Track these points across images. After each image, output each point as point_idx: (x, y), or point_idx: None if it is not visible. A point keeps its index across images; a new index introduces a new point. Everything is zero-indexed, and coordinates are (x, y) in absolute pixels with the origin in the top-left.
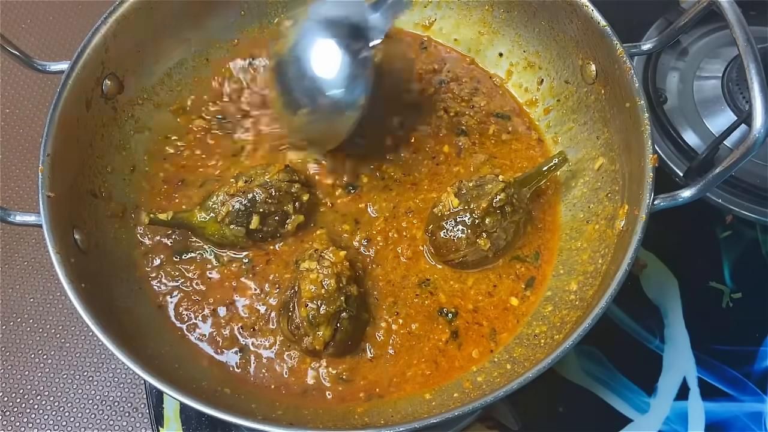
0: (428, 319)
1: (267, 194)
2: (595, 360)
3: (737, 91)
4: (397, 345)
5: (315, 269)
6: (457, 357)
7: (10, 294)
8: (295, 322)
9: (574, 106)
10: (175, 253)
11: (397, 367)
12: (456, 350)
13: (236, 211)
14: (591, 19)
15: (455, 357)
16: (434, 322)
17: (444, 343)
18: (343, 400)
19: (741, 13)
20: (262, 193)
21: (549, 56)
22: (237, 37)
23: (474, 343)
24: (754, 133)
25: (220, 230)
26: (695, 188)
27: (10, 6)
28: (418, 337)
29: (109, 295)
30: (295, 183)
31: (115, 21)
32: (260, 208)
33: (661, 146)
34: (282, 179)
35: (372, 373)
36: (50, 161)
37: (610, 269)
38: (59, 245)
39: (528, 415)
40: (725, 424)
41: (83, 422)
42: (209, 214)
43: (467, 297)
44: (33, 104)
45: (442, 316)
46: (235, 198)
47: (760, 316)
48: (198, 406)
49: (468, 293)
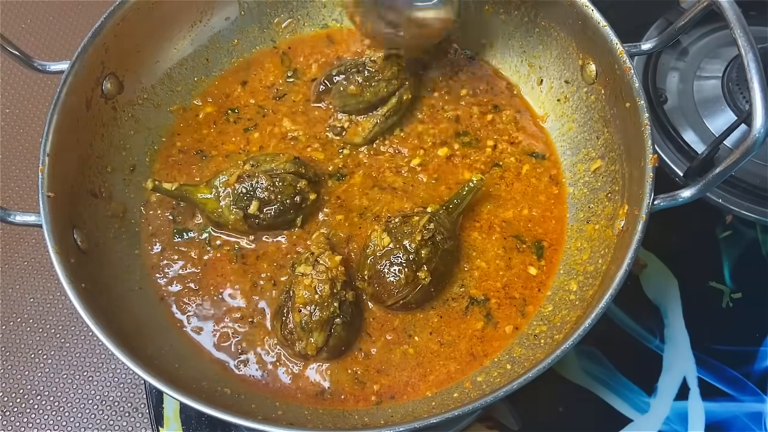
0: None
1: (270, 182)
2: (595, 360)
3: (737, 91)
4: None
5: (310, 274)
6: (495, 337)
7: (10, 294)
8: (288, 327)
9: (574, 106)
10: (176, 233)
11: (418, 372)
12: (493, 330)
13: (237, 193)
14: (591, 19)
15: (493, 337)
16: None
17: (480, 330)
18: (356, 402)
19: (741, 13)
20: (265, 180)
21: (549, 56)
22: (237, 37)
23: (508, 319)
24: (754, 133)
25: (219, 210)
26: (695, 188)
27: (10, 6)
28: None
29: (109, 295)
30: (302, 179)
31: (115, 21)
32: (261, 194)
33: (661, 146)
34: (288, 170)
35: (387, 378)
36: (50, 161)
37: (610, 269)
38: (59, 245)
39: (528, 415)
40: (725, 424)
41: (83, 422)
42: (212, 192)
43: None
44: (33, 104)
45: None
46: (238, 180)
47: (760, 316)
48: (198, 406)
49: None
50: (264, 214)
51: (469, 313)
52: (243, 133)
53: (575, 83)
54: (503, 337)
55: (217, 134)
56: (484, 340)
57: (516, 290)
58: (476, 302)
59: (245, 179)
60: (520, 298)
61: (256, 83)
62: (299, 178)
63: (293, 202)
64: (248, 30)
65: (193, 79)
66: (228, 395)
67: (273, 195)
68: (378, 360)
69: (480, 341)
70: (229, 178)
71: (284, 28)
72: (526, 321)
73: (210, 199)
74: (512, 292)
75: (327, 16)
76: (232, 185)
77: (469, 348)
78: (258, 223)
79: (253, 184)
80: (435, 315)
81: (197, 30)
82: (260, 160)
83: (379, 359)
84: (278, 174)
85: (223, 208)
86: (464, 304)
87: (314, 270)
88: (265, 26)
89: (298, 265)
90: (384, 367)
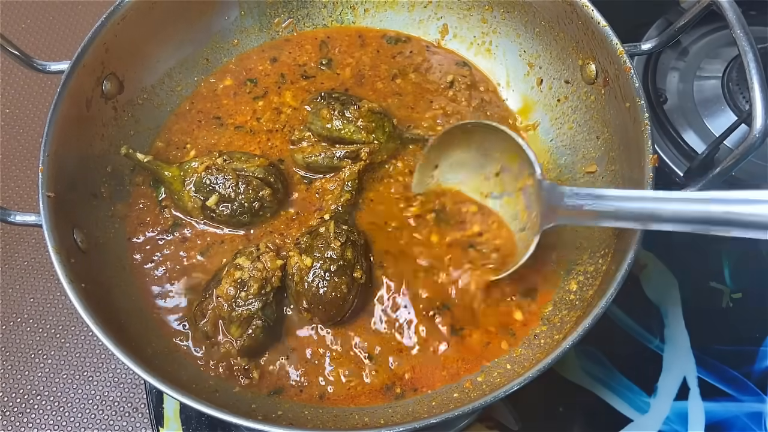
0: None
1: (234, 181)
2: (595, 360)
3: (737, 91)
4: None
5: (246, 268)
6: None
7: (10, 294)
8: (202, 308)
9: (574, 106)
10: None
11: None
12: (534, 305)
13: (200, 182)
14: (591, 19)
15: (534, 313)
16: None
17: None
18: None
19: (741, 13)
20: (230, 178)
21: (549, 56)
22: (237, 38)
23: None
24: (754, 133)
25: (182, 193)
26: (695, 188)
27: (10, 6)
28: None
29: (109, 295)
30: (267, 187)
31: (115, 21)
32: (222, 190)
33: (661, 146)
34: (256, 174)
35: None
36: (50, 161)
37: (610, 269)
38: (59, 245)
39: (528, 415)
40: (725, 424)
41: (83, 422)
42: (181, 173)
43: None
44: (33, 104)
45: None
46: (206, 170)
47: (760, 316)
48: (198, 406)
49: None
50: (219, 209)
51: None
52: (252, 101)
53: (575, 83)
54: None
55: (234, 103)
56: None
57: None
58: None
59: (213, 171)
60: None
61: (289, 60)
62: (265, 186)
63: (251, 207)
64: (248, 30)
65: (193, 79)
66: (228, 395)
67: (234, 194)
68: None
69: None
70: (199, 165)
71: (284, 28)
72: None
73: (177, 180)
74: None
75: (327, 16)
76: (199, 173)
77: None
78: (212, 216)
79: (218, 178)
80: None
81: (197, 30)
82: (235, 156)
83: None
84: (246, 176)
85: (185, 192)
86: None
87: (252, 264)
88: (265, 26)
89: (240, 256)
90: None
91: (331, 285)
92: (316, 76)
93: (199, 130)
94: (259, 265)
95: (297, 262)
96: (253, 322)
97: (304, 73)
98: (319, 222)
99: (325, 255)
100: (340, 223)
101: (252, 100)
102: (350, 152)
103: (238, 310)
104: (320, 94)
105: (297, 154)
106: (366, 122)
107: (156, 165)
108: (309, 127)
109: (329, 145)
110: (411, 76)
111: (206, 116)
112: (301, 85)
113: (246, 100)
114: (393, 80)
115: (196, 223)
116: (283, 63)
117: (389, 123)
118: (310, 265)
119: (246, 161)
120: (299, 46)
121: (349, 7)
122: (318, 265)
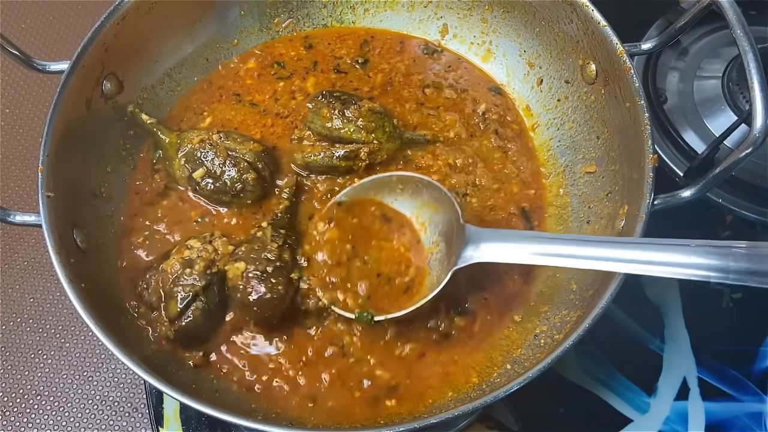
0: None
1: (223, 159)
2: (595, 360)
3: (737, 91)
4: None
5: (196, 248)
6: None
7: (10, 294)
8: (146, 280)
9: (574, 106)
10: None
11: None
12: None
13: (192, 153)
14: (591, 19)
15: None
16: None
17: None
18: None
19: (741, 13)
20: (220, 156)
21: (549, 56)
22: (237, 37)
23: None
24: (754, 133)
25: (174, 160)
26: (695, 188)
27: (10, 6)
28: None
29: (109, 295)
30: (253, 172)
31: (115, 21)
32: (209, 165)
33: (661, 146)
34: (246, 158)
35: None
36: (50, 161)
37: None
38: (59, 245)
39: (528, 415)
40: (725, 424)
41: (83, 422)
42: (177, 141)
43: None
44: (33, 104)
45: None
46: (200, 143)
47: (760, 316)
48: (198, 406)
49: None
50: (203, 183)
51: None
52: (275, 81)
53: (575, 83)
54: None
55: (257, 83)
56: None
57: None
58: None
59: (206, 146)
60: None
61: (326, 51)
62: (251, 170)
63: (233, 188)
64: (248, 30)
65: (193, 79)
66: (228, 395)
67: (219, 171)
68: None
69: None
70: (195, 137)
71: (284, 28)
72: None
73: (173, 147)
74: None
75: (327, 16)
76: (194, 144)
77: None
78: (197, 188)
79: (209, 153)
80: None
81: (197, 30)
82: (232, 136)
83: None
84: (235, 157)
85: (177, 160)
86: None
87: (202, 245)
88: (265, 26)
89: (194, 237)
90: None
91: (266, 288)
92: (348, 72)
93: (218, 103)
94: (209, 247)
95: (232, 270)
96: (193, 304)
97: (338, 66)
98: (258, 228)
99: (261, 256)
100: (278, 228)
101: (275, 80)
102: (350, 152)
103: (180, 284)
104: (322, 92)
105: (296, 153)
106: (366, 122)
107: (158, 128)
108: (309, 126)
109: (329, 144)
110: (446, 92)
111: (227, 92)
112: (330, 78)
113: (269, 80)
114: (423, 90)
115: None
116: (318, 51)
117: (389, 123)
118: (245, 268)
119: (241, 143)
120: (341, 39)
121: (349, 7)
122: (252, 268)
